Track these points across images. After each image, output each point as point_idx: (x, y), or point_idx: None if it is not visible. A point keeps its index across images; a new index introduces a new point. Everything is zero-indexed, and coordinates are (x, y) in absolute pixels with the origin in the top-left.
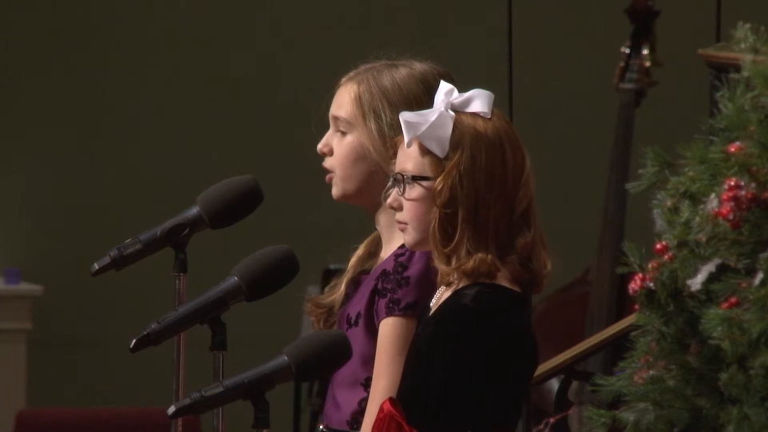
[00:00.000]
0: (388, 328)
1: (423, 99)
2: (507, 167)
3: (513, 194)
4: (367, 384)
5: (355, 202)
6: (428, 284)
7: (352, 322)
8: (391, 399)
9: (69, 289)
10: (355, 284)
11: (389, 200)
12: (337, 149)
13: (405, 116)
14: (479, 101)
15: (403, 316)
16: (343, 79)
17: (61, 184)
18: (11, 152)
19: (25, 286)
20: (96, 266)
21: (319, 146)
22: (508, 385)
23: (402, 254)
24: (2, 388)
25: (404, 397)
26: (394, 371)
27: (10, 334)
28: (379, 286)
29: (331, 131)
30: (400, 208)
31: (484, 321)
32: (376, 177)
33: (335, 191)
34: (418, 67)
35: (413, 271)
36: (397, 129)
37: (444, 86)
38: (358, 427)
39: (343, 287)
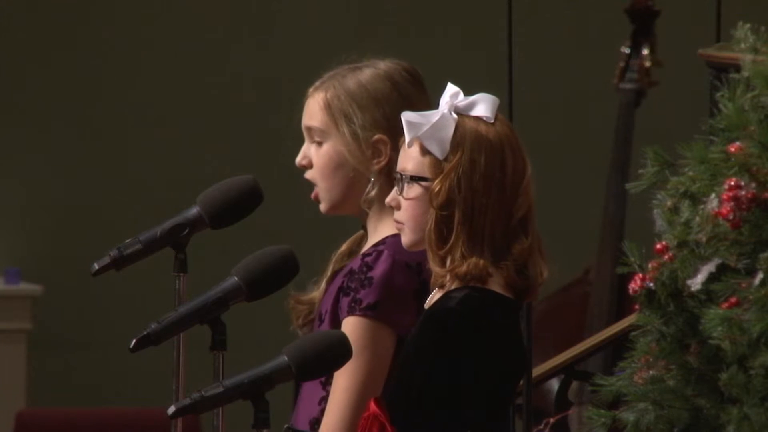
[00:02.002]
0: (348, 327)
1: (391, 95)
2: (506, 172)
3: (511, 200)
4: (326, 382)
5: (344, 212)
6: (391, 286)
7: (322, 318)
8: (376, 399)
9: (69, 289)
10: (332, 281)
11: (388, 199)
12: (316, 160)
13: (407, 116)
14: (483, 105)
15: (363, 316)
16: (310, 90)
17: (61, 184)
18: (11, 152)
19: (25, 286)
20: (96, 266)
21: (298, 160)
22: (490, 388)
23: (369, 254)
24: (2, 388)
25: (390, 396)
26: (351, 371)
27: (10, 334)
28: (344, 284)
29: (306, 143)
30: (398, 208)
31: (468, 324)
32: (356, 183)
33: (323, 206)
34: (382, 65)
35: (377, 271)
36: (370, 129)
37: (450, 89)
38: (319, 427)
39: (323, 285)
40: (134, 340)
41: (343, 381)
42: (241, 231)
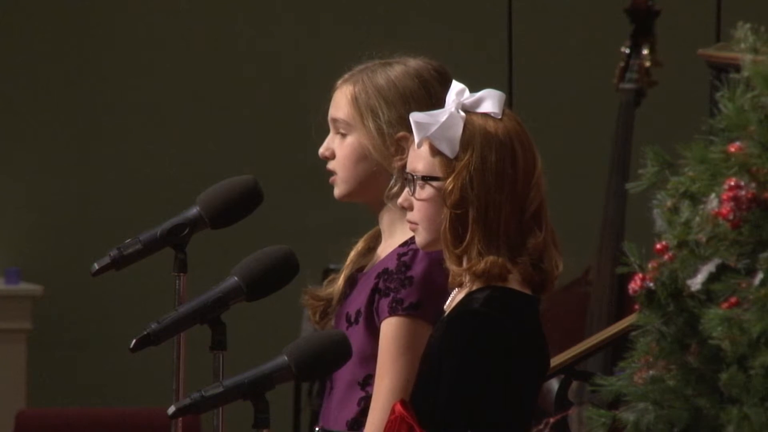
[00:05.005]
0: (391, 327)
1: (419, 94)
2: (517, 168)
3: (524, 195)
4: (365, 383)
5: (357, 200)
6: (431, 284)
7: (352, 320)
8: (402, 401)
9: (69, 289)
10: (350, 281)
11: (400, 200)
12: (339, 151)
13: (415, 117)
14: (490, 101)
15: (406, 316)
16: (339, 82)
17: (61, 184)
18: (11, 152)
19: (25, 286)
20: (96, 266)
21: (321, 150)
22: (518, 387)
23: (405, 253)
24: (2, 388)
25: (416, 399)
26: (396, 371)
27: (10, 334)
28: (381, 285)
29: (331, 134)
30: (410, 208)
31: (494, 325)
32: (378, 176)
33: (337, 191)
34: (413, 63)
35: (416, 270)
36: (395, 126)
37: (455, 86)
38: (359, 428)
39: (340, 282)
40: (134, 340)
41: (389, 382)
42: (241, 231)
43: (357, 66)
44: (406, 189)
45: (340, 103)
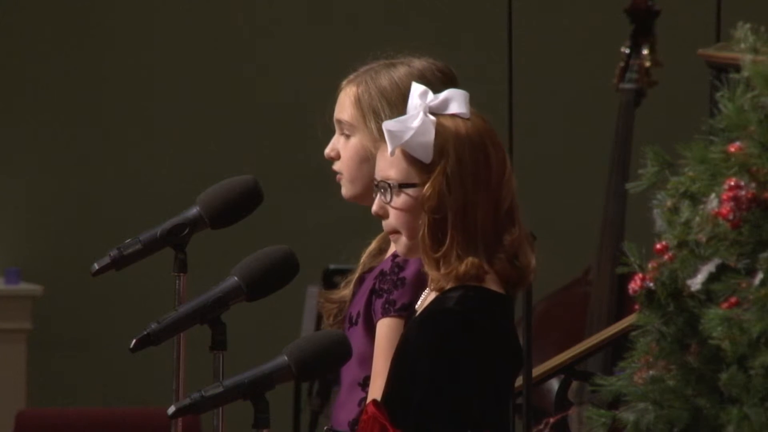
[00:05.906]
0: (384, 329)
1: None
2: (491, 167)
3: (497, 193)
4: (364, 384)
5: (364, 202)
6: (423, 285)
7: (353, 321)
8: (375, 401)
9: (69, 289)
10: (360, 282)
11: (374, 208)
12: (343, 152)
13: (387, 125)
14: (457, 102)
15: (398, 317)
16: (344, 83)
17: (61, 184)
18: (11, 152)
19: (25, 286)
20: (96, 266)
21: (327, 151)
22: (492, 386)
23: (399, 255)
24: (2, 388)
25: (389, 398)
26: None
27: (10, 334)
28: (377, 286)
29: (336, 135)
30: (386, 216)
31: (468, 324)
32: None
33: (344, 192)
34: (417, 64)
35: (409, 272)
36: None
37: (417, 88)
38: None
39: (352, 284)
40: (134, 340)
41: (381, 381)
42: (241, 231)
43: (362, 66)
44: (379, 196)
45: (344, 105)
